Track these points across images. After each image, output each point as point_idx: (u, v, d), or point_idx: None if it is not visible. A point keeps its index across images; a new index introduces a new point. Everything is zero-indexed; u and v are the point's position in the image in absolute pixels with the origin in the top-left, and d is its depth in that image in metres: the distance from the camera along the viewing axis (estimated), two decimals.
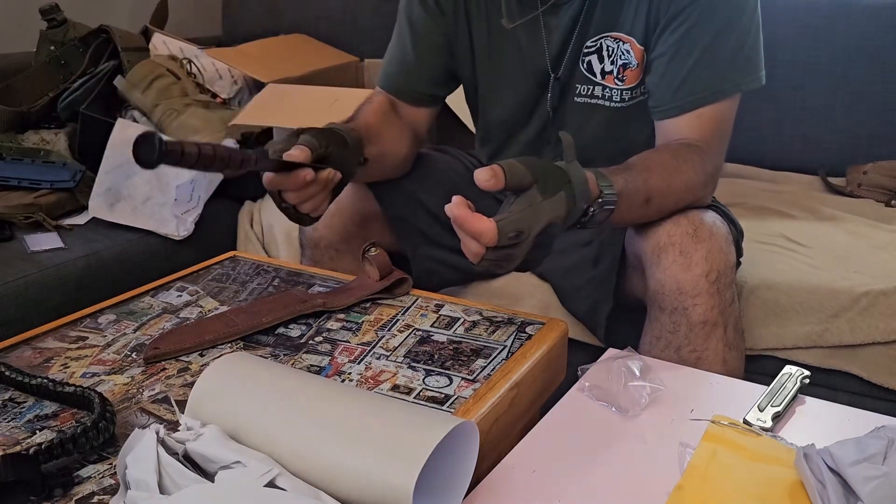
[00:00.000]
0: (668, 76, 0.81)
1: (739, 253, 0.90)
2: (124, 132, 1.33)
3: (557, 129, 0.90)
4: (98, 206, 1.25)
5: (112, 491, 0.49)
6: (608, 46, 0.85)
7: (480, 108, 0.99)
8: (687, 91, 0.80)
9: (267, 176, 0.70)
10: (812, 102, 1.38)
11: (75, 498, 0.49)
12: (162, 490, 0.45)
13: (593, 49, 0.86)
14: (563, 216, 0.64)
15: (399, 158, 0.94)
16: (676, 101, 0.81)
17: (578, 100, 0.89)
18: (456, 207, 0.61)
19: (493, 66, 0.93)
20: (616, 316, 0.88)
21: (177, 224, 1.25)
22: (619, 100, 0.87)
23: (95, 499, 0.49)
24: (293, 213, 0.75)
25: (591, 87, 0.88)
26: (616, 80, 0.86)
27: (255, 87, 1.54)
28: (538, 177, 0.63)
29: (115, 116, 1.39)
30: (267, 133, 1.39)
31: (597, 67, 0.86)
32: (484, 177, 0.61)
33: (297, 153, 0.70)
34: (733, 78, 0.80)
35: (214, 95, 1.52)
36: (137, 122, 1.40)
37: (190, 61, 1.53)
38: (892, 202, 1.26)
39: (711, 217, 0.79)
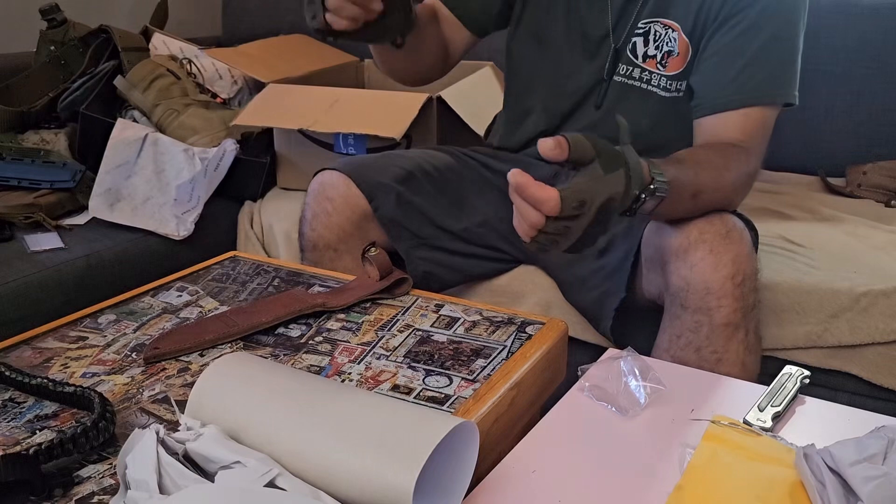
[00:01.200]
0: (720, 72, 0.81)
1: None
2: (124, 132, 1.33)
3: (602, 103, 0.91)
4: (98, 206, 1.25)
5: (112, 491, 0.49)
6: (656, 31, 0.85)
7: (518, 63, 0.98)
8: (738, 88, 0.80)
9: None
10: (812, 102, 1.38)
11: (75, 498, 0.49)
12: (162, 490, 0.45)
13: (642, 31, 0.86)
14: (621, 194, 0.64)
15: (429, 62, 0.96)
16: (726, 97, 0.80)
17: (616, 79, 0.89)
18: (518, 174, 0.60)
19: (548, 21, 0.93)
20: (621, 313, 0.88)
21: (177, 224, 1.25)
22: (656, 85, 0.87)
23: (95, 499, 0.49)
24: (321, 22, 0.73)
25: (632, 69, 0.88)
26: (658, 66, 0.86)
27: (255, 87, 1.54)
28: (600, 153, 0.63)
29: (115, 116, 1.39)
30: (267, 133, 1.39)
31: (640, 50, 0.87)
32: (549, 146, 0.61)
33: None
34: (782, 84, 0.81)
35: (214, 95, 1.52)
36: (137, 122, 1.40)
37: (190, 61, 1.53)
38: (892, 202, 1.26)
39: (739, 221, 0.79)
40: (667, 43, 0.85)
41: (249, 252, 1.19)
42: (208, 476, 0.47)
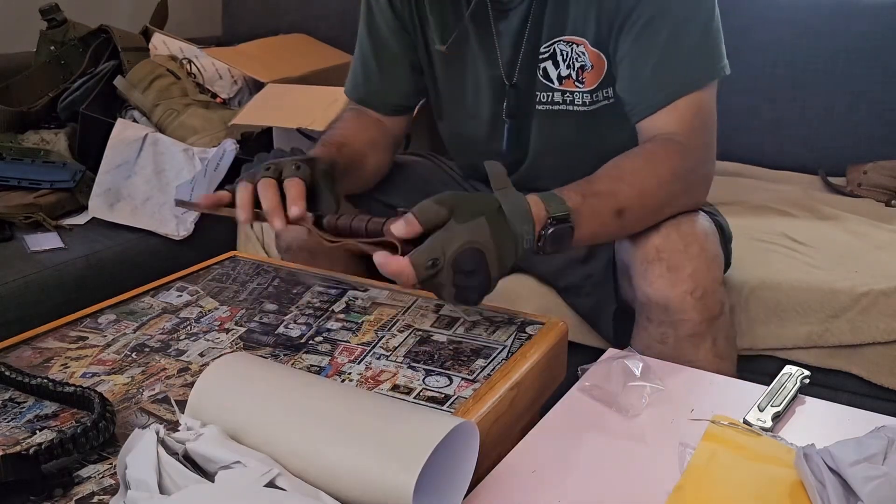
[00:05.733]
0: (636, 76, 0.79)
1: (728, 257, 0.89)
2: (124, 132, 1.33)
3: (521, 139, 0.90)
4: (98, 206, 1.25)
5: (112, 491, 0.49)
6: (562, 51, 0.83)
7: (444, 120, 0.98)
8: (657, 87, 0.78)
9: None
10: (812, 102, 1.38)
11: (75, 498, 0.49)
12: (162, 490, 0.45)
13: (547, 54, 0.84)
14: (486, 240, 0.62)
15: (378, 167, 0.94)
16: (649, 99, 0.78)
17: (540, 107, 0.87)
18: (378, 256, 0.62)
19: (450, 77, 0.92)
20: (620, 315, 0.88)
21: (176, 224, 1.25)
22: (581, 103, 0.85)
23: (95, 499, 0.49)
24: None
25: (551, 94, 0.86)
26: (577, 84, 0.84)
27: (255, 87, 1.54)
28: (454, 208, 0.62)
29: (115, 116, 1.39)
30: (267, 133, 1.39)
31: (553, 73, 0.85)
32: (401, 230, 0.62)
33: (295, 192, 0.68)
34: (701, 67, 0.78)
35: (214, 95, 1.52)
36: (137, 122, 1.41)
37: (190, 61, 1.53)
38: (892, 202, 1.26)
39: (703, 227, 0.76)
40: (576, 59, 0.83)
41: (249, 252, 1.19)
42: (208, 476, 0.47)
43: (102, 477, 0.51)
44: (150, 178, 1.30)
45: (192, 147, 1.34)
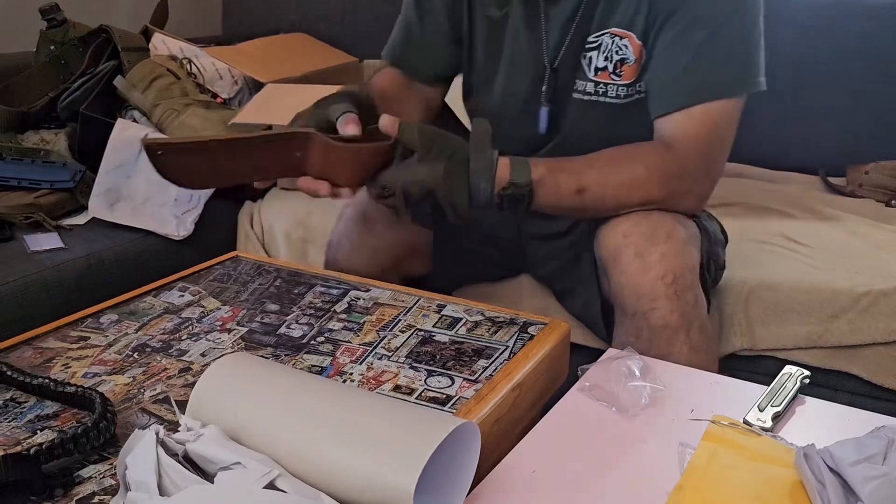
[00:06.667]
0: (663, 73, 0.80)
1: (718, 261, 0.89)
2: (124, 132, 1.33)
3: (556, 124, 0.90)
4: (98, 206, 1.25)
5: (112, 491, 0.49)
6: (605, 43, 0.84)
7: (475, 98, 0.98)
8: (679, 89, 0.78)
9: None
10: (812, 102, 1.38)
11: (76, 498, 0.49)
12: (162, 491, 0.45)
13: (595, 45, 0.85)
14: (439, 185, 0.71)
15: None
16: (668, 98, 0.79)
17: (576, 96, 0.88)
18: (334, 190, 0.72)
19: (491, 54, 0.92)
20: (609, 313, 0.88)
21: (176, 224, 1.25)
22: (614, 96, 0.86)
23: (96, 499, 0.49)
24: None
25: (586, 84, 0.87)
26: (612, 76, 0.85)
27: (255, 87, 1.54)
28: (427, 145, 0.72)
29: (115, 116, 1.39)
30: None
31: (594, 64, 0.86)
32: (386, 122, 0.73)
33: (351, 130, 0.74)
34: (728, 79, 0.78)
35: (214, 95, 1.52)
36: (137, 122, 1.40)
37: (190, 61, 1.53)
38: (893, 202, 1.26)
39: (674, 219, 0.77)
40: (617, 52, 0.83)
41: (249, 252, 1.19)
42: (208, 477, 0.47)
43: (103, 477, 0.51)
44: (150, 178, 1.29)
45: None
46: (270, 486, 0.45)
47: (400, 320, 0.73)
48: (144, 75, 1.40)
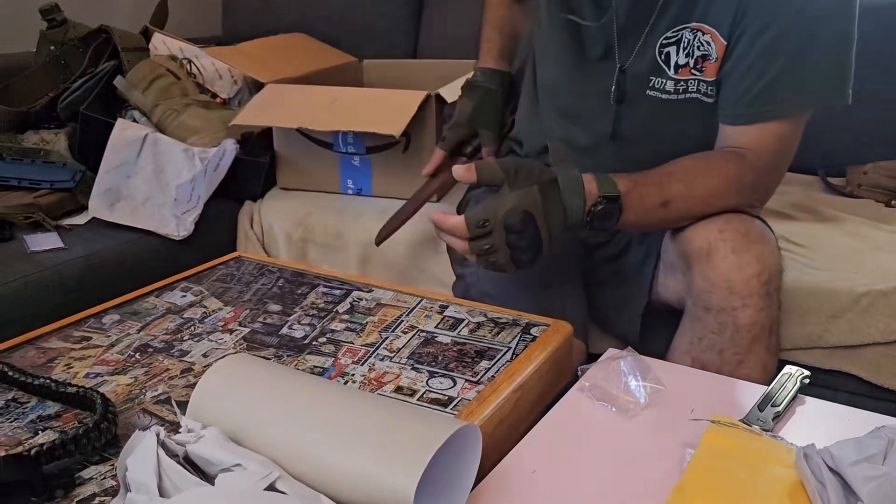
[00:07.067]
0: (746, 82, 0.77)
1: None
2: (124, 132, 1.33)
3: (625, 122, 0.88)
4: (98, 206, 1.25)
5: (113, 492, 0.49)
6: (686, 38, 0.81)
7: (544, 82, 0.96)
8: (760, 102, 0.76)
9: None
10: None
11: (76, 499, 0.49)
12: (162, 493, 0.45)
13: (673, 40, 0.82)
14: (537, 206, 0.69)
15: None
16: (747, 110, 0.77)
17: (651, 93, 0.85)
18: (434, 215, 0.73)
19: (562, 47, 0.90)
20: (646, 317, 0.87)
21: (177, 224, 1.25)
22: (696, 90, 0.82)
23: (96, 500, 0.49)
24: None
25: (665, 81, 0.84)
26: (693, 72, 0.81)
27: (255, 87, 1.54)
28: (510, 174, 0.71)
29: (115, 116, 1.39)
30: (267, 133, 1.39)
31: (673, 60, 0.82)
32: (460, 173, 0.73)
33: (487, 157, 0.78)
34: (811, 94, 0.77)
35: (214, 95, 1.52)
36: (137, 122, 1.40)
37: (190, 61, 1.53)
38: (893, 202, 1.26)
39: (760, 223, 0.78)
40: (698, 48, 0.80)
41: (249, 252, 1.19)
42: (209, 478, 0.47)
43: (104, 478, 0.51)
44: (150, 178, 1.29)
45: (192, 147, 1.34)
46: (271, 487, 0.45)
47: (402, 321, 0.73)
48: (144, 75, 1.40)
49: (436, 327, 0.71)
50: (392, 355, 0.66)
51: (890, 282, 0.94)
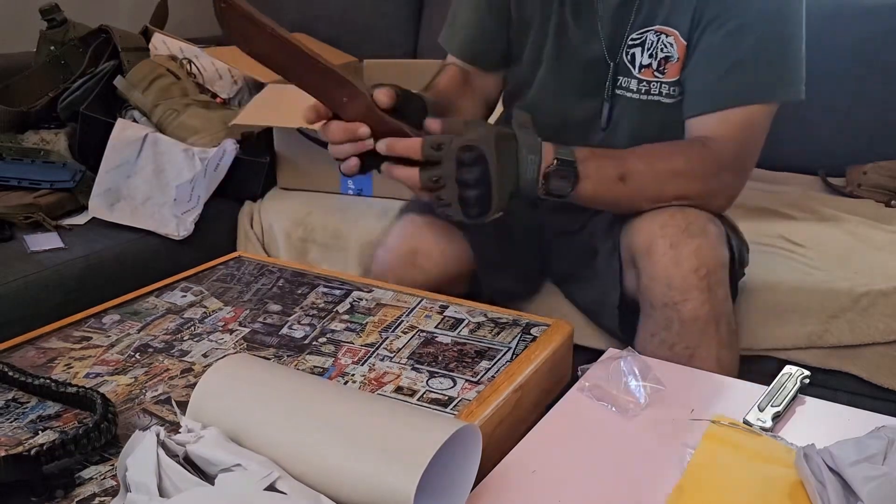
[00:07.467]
0: (705, 74, 0.80)
1: (742, 263, 0.89)
2: (124, 132, 1.33)
3: (607, 124, 0.89)
4: (98, 206, 1.25)
5: (113, 492, 0.49)
6: (650, 40, 0.84)
7: (525, 93, 0.97)
8: (719, 90, 0.79)
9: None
10: (812, 102, 1.38)
11: (76, 499, 0.49)
12: (162, 493, 0.45)
13: (638, 41, 0.85)
14: (490, 148, 0.69)
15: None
16: (707, 100, 0.80)
17: (618, 92, 0.88)
18: (382, 141, 0.72)
19: (546, 50, 0.91)
20: (626, 311, 0.87)
21: (177, 224, 1.25)
22: (657, 93, 0.85)
23: (96, 500, 0.49)
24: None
25: (630, 81, 0.87)
26: (656, 73, 0.84)
27: (255, 87, 1.54)
28: (472, 123, 0.73)
29: (115, 116, 1.39)
30: (267, 133, 1.39)
31: (637, 61, 0.85)
32: (431, 123, 0.73)
33: (383, 97, 0.74)
34: (768, 85, 0.79)
35: (214, 95, 1.52)
36: (137, 122, 1.41)
37: (190, 61, 1.53)
38: (892, 202, 1.26)
39: (707, 217, 0.78)
40: (661, 49, 0.83)
41: (249, 252, 1.19)
42: (209, 478, 0.47)
43: (104, 478, 0.51)
44: (150, 178, 1.30)
45: (192, 147, 1.34)
46: (271, 488, 0.45)
47: (402, 321, 0.73)
48: (144, 75, 1.40)
49: (436, 327, 0.71)
50: (392, 355, 0.66)
51: (890, 282, 0.94)
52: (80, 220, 1.26)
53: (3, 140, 1.35)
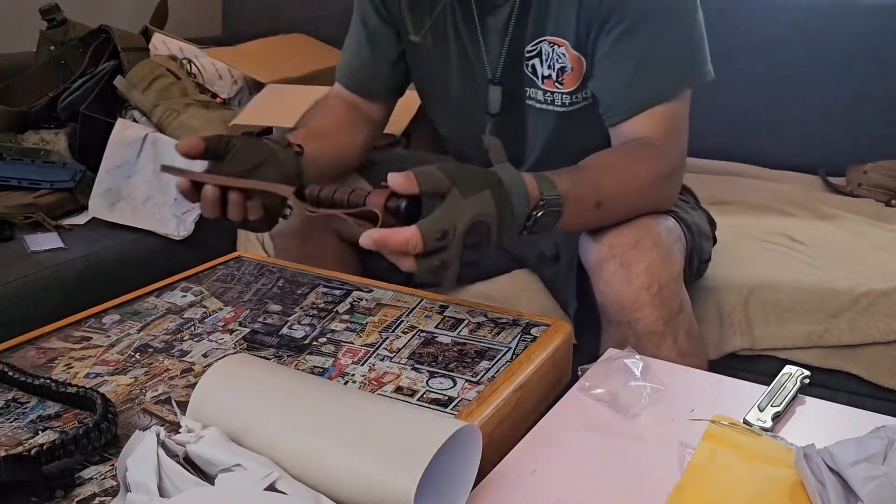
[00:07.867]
0: (613, 80, 0.79)
1: (701, 255, 0.89)
2: (124, 132, 1.33)
3: (518, 136, 0.90)
4: (98, 206, 1.25)
5: (113, 492, 0.49)
6: (545, 51, 0.83)
7: (433, 116, 0.99)
8: (634, 93, 0.78)
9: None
10: (812, 102, 1.38)
11: (77, 499, 0.49)
12: (162, 493, 0.45)
13: (534, 53, 0.84)
14: (493, 213, 0.63)
15: (351, 157, 0.96)
16: (625, 104, 0.79)
17: (529, 102, 0.88)
18: (368, 237, 0.60)
19: (433, 71, 0.93)
20: (590, 318, 0.87)
21: (177, 224, 1.25)
22: (560, 104, 0.85)
23: (97, 500, 0.49)
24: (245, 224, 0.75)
25: (536, 91, 0.86)
26: (556, 84, 0.84)
27: (255, 87, 1.54)
28: (456, 180, 0.62)
29: (115, 116, 1.39)
30: (267, 133, 1.39)
31: (539, 71, 0.85)
32: (398, 181, 0.61)
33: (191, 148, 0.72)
34: (680, 75, 0.79)
35: (214, 95, 1.52)
36: (137, 122, 1.40)
37: (190, 61, 1.53)
38: (893, 202, 1.26)
39: (659, 225, 0.77)
40: (557, 60, 0.83)
41: (249, 252, 1.19)
42: (209, 478, 0.47)
43: (104, 478, 0.51)
44: (150, 178, 1.30)
45: None
46: (271, 488, 0.45)
47: (402, 321, 0.73)
48: (144, 75, 1.40)
49: (436, 327, 0.71)
50: (392, 355, 0.66)
51: (890, 282, 0.94)
52: (80, 220, 1.26)
53: (3, 140, 1.35)
